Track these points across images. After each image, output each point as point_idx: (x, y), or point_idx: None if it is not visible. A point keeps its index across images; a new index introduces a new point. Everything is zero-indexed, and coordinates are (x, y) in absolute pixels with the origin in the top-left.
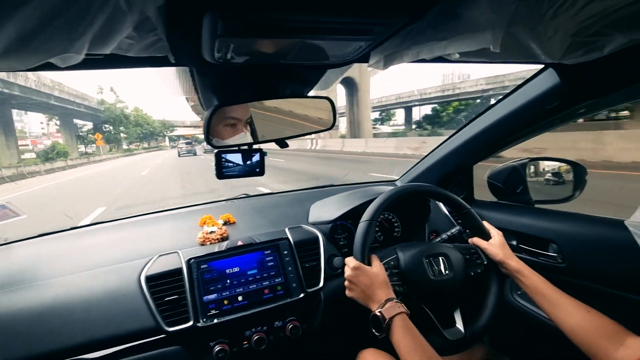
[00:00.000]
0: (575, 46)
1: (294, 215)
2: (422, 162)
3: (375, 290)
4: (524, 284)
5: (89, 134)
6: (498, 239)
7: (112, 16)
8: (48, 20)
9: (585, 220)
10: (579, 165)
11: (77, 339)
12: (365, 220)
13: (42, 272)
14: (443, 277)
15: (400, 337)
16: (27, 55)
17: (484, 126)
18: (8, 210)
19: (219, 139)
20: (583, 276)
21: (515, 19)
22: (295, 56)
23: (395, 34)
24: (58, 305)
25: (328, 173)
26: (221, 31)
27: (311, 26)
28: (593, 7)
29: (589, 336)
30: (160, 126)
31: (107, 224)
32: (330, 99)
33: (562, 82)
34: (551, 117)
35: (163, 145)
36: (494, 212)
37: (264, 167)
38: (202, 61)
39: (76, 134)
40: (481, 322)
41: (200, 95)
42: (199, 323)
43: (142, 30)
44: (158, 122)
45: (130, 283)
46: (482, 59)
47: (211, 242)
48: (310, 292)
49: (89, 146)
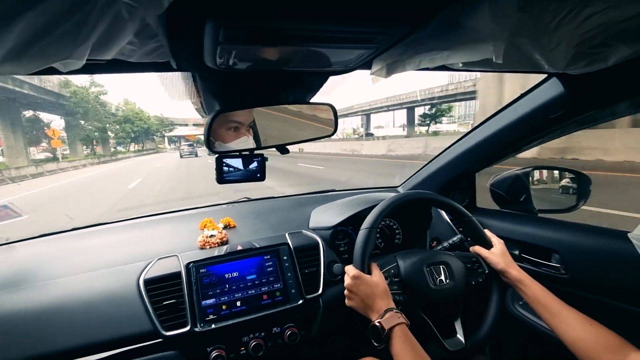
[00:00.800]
0: (579, 57)
1: (295, 220)
2: (425, 169)
3: (375, 299)
4: (525, 293)
5: (38, 128)
6: (499, 247)
7: (114, 23)
8: (51, 26)
9: (588, 231)
10: (584, 175)
11: (75, 341)
12: (365, 227)
13: (43, 273)
14: (444, 286)
15: (399, 348)
16: (29, 60)
17: (487, 134)
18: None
19: (221, 142)
20: (586, 287)
21: (517, 29)
22: (297, 63)
23: (397, 43)
24: (58, 307)
25: None
26: (223, 39)
27: (313, 35)
28: (597, 19)
29: (591, 349)
30: (158, 123)
31: (109, 226)
32: (332, 106)
33: (566, 92)
34: (554, 126)
35: (162, 147)
36: (497, 221)
37: (264, 172)
38: (204, 67)
39: (25, 132)
40: (482, 332)
41: (202, 100)
42: (197, 328)
43: (144, 37)
44: (154, 119)
45: (129, 286)
46: (485, 68)
47: (211, 246)
48: (309, 298)
49: (89, 148)
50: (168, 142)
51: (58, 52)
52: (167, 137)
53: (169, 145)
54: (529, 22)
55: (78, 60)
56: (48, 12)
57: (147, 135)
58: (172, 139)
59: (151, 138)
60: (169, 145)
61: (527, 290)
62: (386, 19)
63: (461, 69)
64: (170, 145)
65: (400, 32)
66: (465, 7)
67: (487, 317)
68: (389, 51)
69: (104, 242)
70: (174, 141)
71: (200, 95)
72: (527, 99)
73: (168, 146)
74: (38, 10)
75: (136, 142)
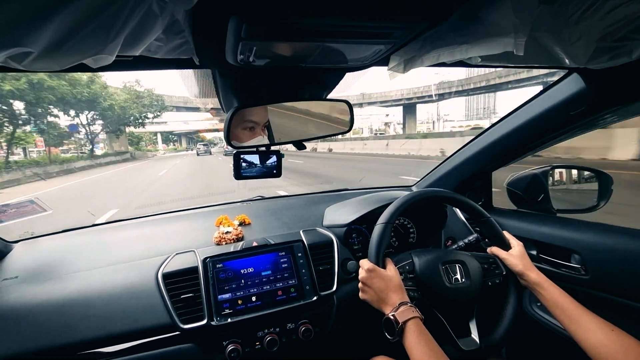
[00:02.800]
0: (601, 51)
1: (309, 217)
2: (440, 168)
3: (389, 293)
4: (543, 297)
5: None
6: (518, 249)
7: (145, 19)
8: (85, 21)
9: (610, 231)
10: (605, 174)
11: (96, 332)
12: (381, 222)
13: (65, 266)
14: (459, 284)
15: (413, 341)
16: (63, 56)
17: (505, 132)
18: (36, 205)
19: (237, 141)
20: (607, 289)
21: (538, 23)
22: (315, 59)
23: (415, 38)
24: (79, 299)
25: None
26: (245, 34)
27: (332, 30)
28: (620, 12)
29: (612, 356)
30: (134, 100)
31: (127, 222)
32: (348, 102)
33: (588, 88)
34: (575, 123)
35: (150, 149)
36: (513, 221)
37: (281, 168)
38: (225, 63)
39: None
40: (497, 333)
41: (220, 97)
42: (213, 322)
43: (170, 32)
44: (125, 92)
45: (148, 280)
46: (504, 63)
47: (227, 242)
48: (324, 295)
49: None
50: (186, 143)
51: (91, 48)
52: (160, 137)
53: (166, 146)
54: (551, 15)
55: (109, 55)
56: (83, 7)
57: (119, 124)
58: (169, 137)
59: (119, 132)
60: (166, 146)
61: (546, 293)
62: (406, 14)
63: (479, 64)
64: (169, 145)
65: (419, 26)
66: (486, 1)
67: (504, 319)
68: (406, 46)
69: (124, 237)
70: (173, 140)
71: (219, 92)
72: (547, 95)
73: (162, 147)
74: (73, 6)
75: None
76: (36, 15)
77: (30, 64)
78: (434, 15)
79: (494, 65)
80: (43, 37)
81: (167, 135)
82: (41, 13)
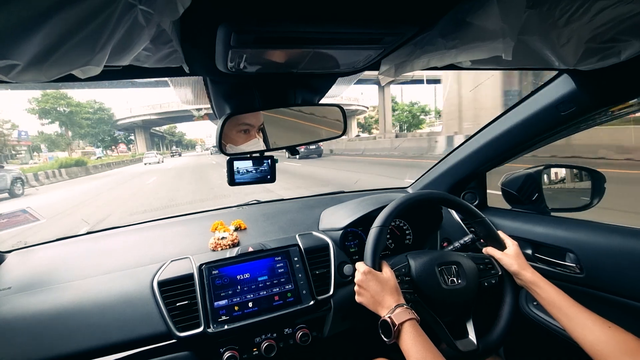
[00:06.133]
0: (590, 52)
1: (304, 221)
2: (435, 169)
3: (385, 295)
4: (539, 296)
5: None
6: (513, 249)
7: (131, 30)
8: (71, 33)
9: (604, 229)
10: (598, 173)
11: (92, 342)
12: (376, 226)
13: (60, 276)
14: (455, 286)
15: (410, 343)
16: (49, 68)
17: (497, 133)
18: (28, 214)
19: (232, 145)
20: (602, 287)
21: (527, 26)
22: (306, 65)
23: (405, 43)
24: (74, 309)
25: None
26: (234, 43)
27: (323, 37)
28: (607, 14)
29: (609, 353)
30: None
31: (122, 229)
32: (341, 107)
33: (578, 88)
34: (566, 124)
35: (126, 156)
36: (508, 220)
37: (275, 173)
38: (215, 71)
39: None
40: (494, 334)
41: (213, 104)
42: (210, 329)
43: (159, 42)
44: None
45: (144, 288)
46: (494, 65)
47: (222, 247)
48: (321, 299)
49: None
50: (151, 145)
51: (78, 59)
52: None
53: (152, 151)
54: (539, 18)
55: (96, 66)
56: (68, 19)
57: None
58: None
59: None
60: (152, 151)
61: (542, 292)
62: (395, 20)
63: (470, 67)
64: (152, 150)
65: (409, 32)
66: (474, 6)
67: (500, 319)
68: (397, 51)
69: (118, 245)
70: (126, 138)
71: (211, 99)
72: (537, 96)
73: (150, 153)
74: (58, 18)
75: None
76: (20, 27)
77: (16, 76)
78: (423, 21)
79: (484, 68)
80: (28, 49)
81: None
82: (25, 26)
